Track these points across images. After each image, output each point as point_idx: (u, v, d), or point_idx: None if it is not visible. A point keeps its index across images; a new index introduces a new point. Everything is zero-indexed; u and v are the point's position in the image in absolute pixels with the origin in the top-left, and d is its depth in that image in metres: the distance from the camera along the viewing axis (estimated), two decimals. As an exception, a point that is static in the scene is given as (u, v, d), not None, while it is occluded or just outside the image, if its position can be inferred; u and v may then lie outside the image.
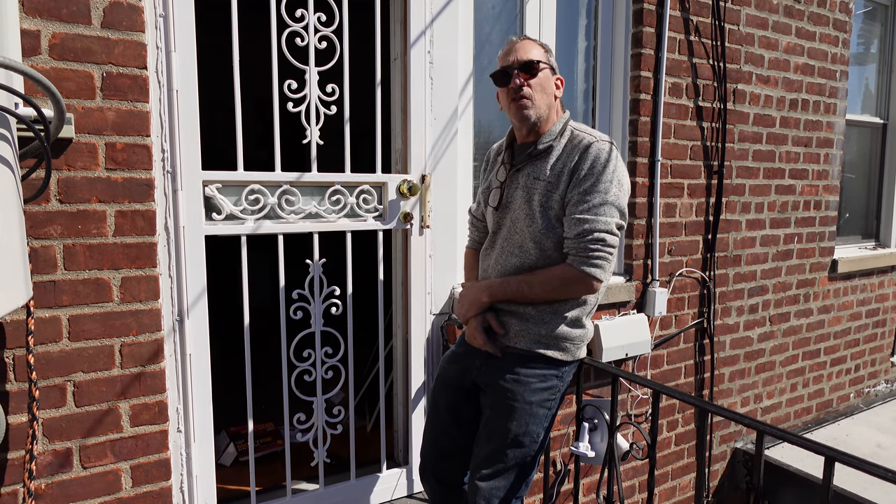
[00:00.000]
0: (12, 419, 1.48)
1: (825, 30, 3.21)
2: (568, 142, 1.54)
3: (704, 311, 2.91)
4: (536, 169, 1.55)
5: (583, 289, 1.51)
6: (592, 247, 1.46)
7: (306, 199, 1.93)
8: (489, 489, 1.57)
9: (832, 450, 1.31)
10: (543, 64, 1.54)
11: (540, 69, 1.53)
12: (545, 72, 1.55)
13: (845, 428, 3.55)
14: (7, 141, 1.18)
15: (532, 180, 1.54)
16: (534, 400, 1.56)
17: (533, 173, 1.55)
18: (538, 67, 1.53)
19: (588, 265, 1.47)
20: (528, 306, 1.55)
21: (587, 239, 1.46)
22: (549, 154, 1.54)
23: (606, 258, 1.48)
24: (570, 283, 1.50)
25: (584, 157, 1.49)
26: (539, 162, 1.55)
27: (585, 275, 1.48)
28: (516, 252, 1.58)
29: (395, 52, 2.14)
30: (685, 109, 2.70)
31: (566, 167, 1.50)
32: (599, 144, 1.49)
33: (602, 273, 1.49)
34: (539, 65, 1.53)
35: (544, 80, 1.55)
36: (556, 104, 1.59)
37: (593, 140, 1.51)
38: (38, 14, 1.42)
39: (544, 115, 1.56)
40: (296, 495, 2.02)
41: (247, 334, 1.90)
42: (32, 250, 1.46)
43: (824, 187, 3.37)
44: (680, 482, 2.98)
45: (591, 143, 1.50)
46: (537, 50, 1.56)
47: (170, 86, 1.64)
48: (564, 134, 1.56)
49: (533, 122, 1.55)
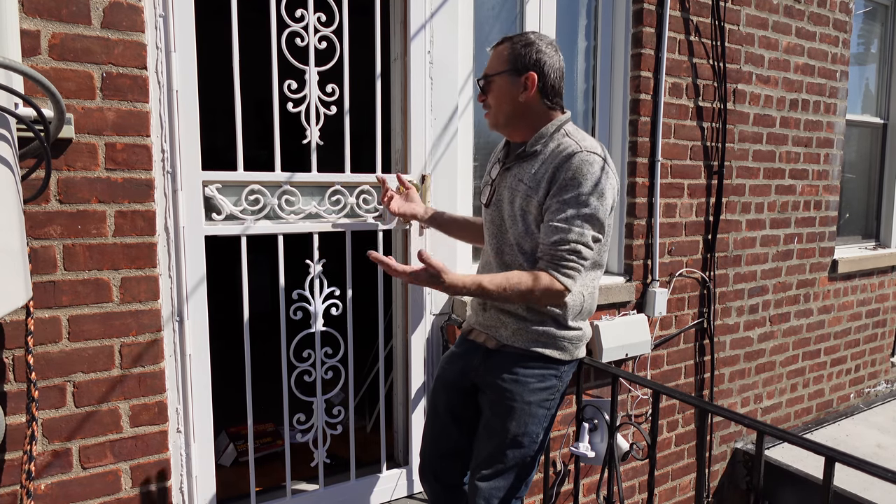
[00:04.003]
0: (12, 420, 1.48)
1: (825, 30, 3.21)
2: (555, 148, 1.51)
3: (704, 312, 2.90)
4: (522, 171, 1.55)
5: (550, 296, 1.48)
6: (568, 256, 1.45)
7: (306, 200, 1.93)
8: (489, 489, 1.57)
9: (832, 450, 1.31)
10: (499, 73, 1.54)
11: (492, 81, 1.55)
12: (499, 81, 1.54)
13: (845, 428, 3.55)
14: (7, 141, 1.18)
15: (516, 182, 1.54)
16: (533, 400, 1.56)
17: (518, 175, 1.55)
18: (490, 81, 1.56)
19: (559, 272, 1.46)
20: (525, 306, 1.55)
21: (562, 248, 1.45)
22: (536, 158, 1.53)
23: (578, 269, 1.47)
24: (537, 290, 1.45)
25: (565, 166, 1.46)
26: (525, 164, 1.55)
27: (554, 281, 1.46)
28: (501, 248, 1.60)
29: (394, 52, 2.14)
30: (685, 109, 2.70)
31: (546, 174, 1.48)
32: (583, 155, 1.46)
33: (571, 283, 1.47)
34: (491, 77, 1.55)
35: (498, 92, 1.55)
36: (531, 105, 1.54)
37: (578, 150, 1.47)
38: (38, 14, 1.42)
39: (502, 122, 1.58)
40: (296, 496, 2.02)
41: (247, 335, 1.90)
42: (32, 250, 1.46)
43: (824, 187, 3.37)
44: (680, 482, 2.98)
45: (574, 153, 1.46)
46: (496, 59, 1.56)
47: (170, 86, 1.64)
48: (554, 138, 1.53)
49: (496, 128, 1.61)
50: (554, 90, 1.55)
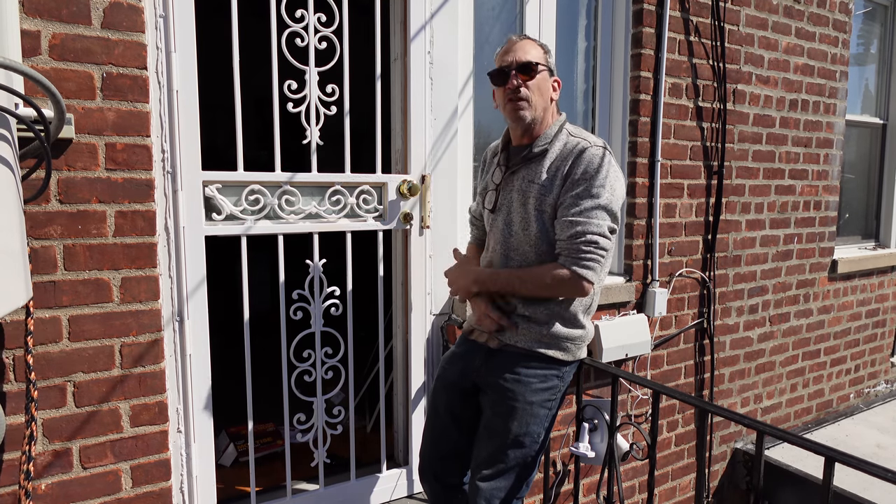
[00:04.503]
0: (11, 420, 1.48)
1: (825, 30, 3.22)
2: (563, 146, 1.54)
3: (704, 312, 2.91)
4: (531, 172, 1.55)
5: (573, 290, 1.50)
6: (585, 248, 1.46)
7: (306, 200, 1.93)
8: (490, 489, 1.57)
9: (832, 450, 1.31)
10: (542, 66, 1.54)
11: (538, 71, 1.52)
12: (543, 74, 1.54)
13: (845, 428, 3.55)
14: (7, 141, 1.18)
15: (527, 183, 1.54)
16: (534, 400, 1.56)
17: (528, 176, 1.55)
18: (536, 69, 1.52)
19: (580, 266, 1.47)
20: (529, 306, 1.55)
21: (579, 241, 1.46)
22: (544, 157, 1.54)
23: (598, 260, 1.47)
24: (560, 283, 1.48)
25: (577, 161, 1.49)
26: (534, 165, 1.55)
27: (576, 276, 1.47)
28: (512, 255, 1.58)
29: (395, 52, 2.14)
30: (685, 110, 2.70)
31: (560, 171, 1.50)
32: (594, 150, 1.49)
33: (594, 275, 1.48)
34: (538, 66, 1.52)
35: (542, 82, 1.54)
36: (551, 107, 1.59)
37: (588, 145, 1.50)
38: (38, 14, 1.42)
39: (539, 118, 1.55)
40: (296, 495, 2.02)
41: (247, 336, 1.90)
42: (32, 250, 1.46)
43: (824, 187, 3.37)
44: (680, 482, 2.98)
45: (585, 148, 1.50)
46: (536, 50, 1.55)
47: (170, 86, 1.64)
48: (560, 137, 1.56)
49: (528, 123, 1.55)
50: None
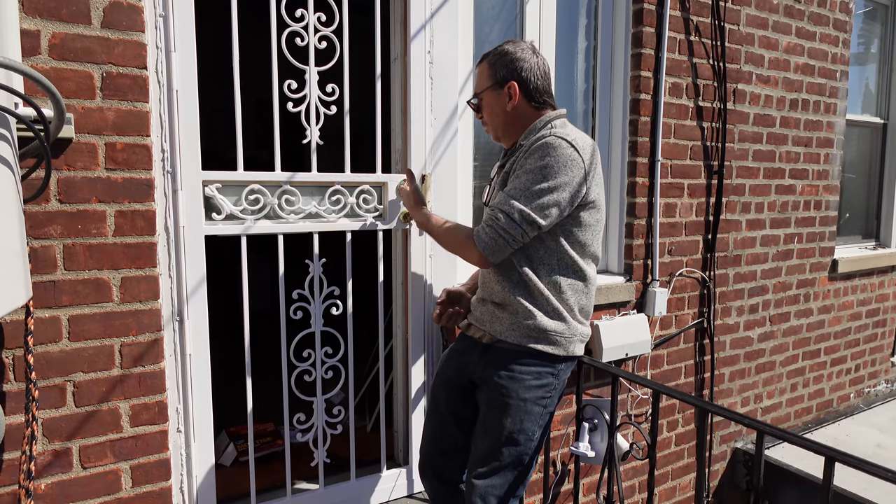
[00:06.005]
0: (11, 419, 1.48)
1: (825, 30, 3.21)
2: (535, 139, 1.56)
3: (704, 311, 2.90)
4: (509, 165, 1.62)
5: (466, 253, 1.60)
6: (489, 222, 1.53)
7: (306, 199, 1.93)
8: (485, 487, 1.58)
9: (832, 450, 1.31)
10: (484, 91, 1.64)
11: (482, 100, 1.67)
12: (487, 99, 1.65)
13: (845, 428, 3.55)
14: (7, 141, 1.18)
15: (505, 175, 1.62)
16: (528, 397, 1.56)
17: (507, 169, 1.62)
18: (481, 100, 1.67)
19: (479, 233, 1.54)
20: (515, 299, 1.55)
21: (489, 215, 1.54)
22: (519, 151, 1.60)
23: (493, 237, 1.51)
24: (460, 243, 1.60)
25: (531, 151, 1.52)
26: (511, 158, 1.63)
27: (472, 242, 1.55)
28: None
29: (395, 51, 2.14)
30: (685, 109, 2.70)
31: (517, 161, 1.56)
32: (550, 139, 1.50)
33: (484, 248, 1.53)
34: (480, 96, 1.66)
35: (488, 107, 1.66)
36: (516, 111, 1.62)
37: (547, 136, 1.52)
38: (38, 14, 1.42)
39: (502, 132, 1.68)
40: (296, 495, 2.02)
41: (247, 337, 1.90)
42: (32, 250, 1.46)
43: (824, 187, 3.37)
44: (680, 482, 2.98)
45: (543, 138, 1.52)
46: (481, 75, 1.67)
47: (170, 86, 1.64)
48: (535, 132, 1.59)
49: (497, 138, 1.71)
50: (539, 91, 1.61)
